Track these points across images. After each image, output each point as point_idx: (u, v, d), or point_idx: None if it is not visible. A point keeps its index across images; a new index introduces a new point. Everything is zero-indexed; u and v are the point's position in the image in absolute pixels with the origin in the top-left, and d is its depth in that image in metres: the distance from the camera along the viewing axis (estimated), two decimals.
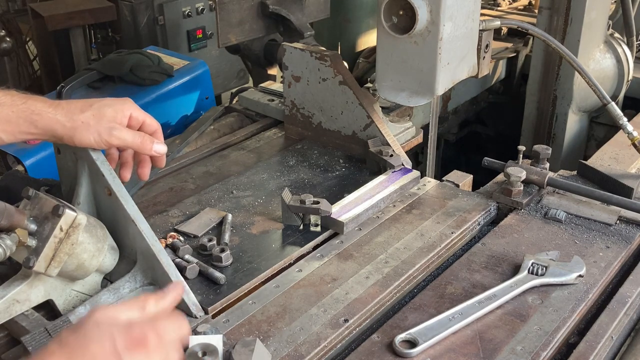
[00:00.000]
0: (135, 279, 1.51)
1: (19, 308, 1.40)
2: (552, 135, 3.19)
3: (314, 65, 2.20)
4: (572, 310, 1.51)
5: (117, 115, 1.48)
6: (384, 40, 1.92)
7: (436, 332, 1.42)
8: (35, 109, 1.43)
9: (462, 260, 1.70)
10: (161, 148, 1.54)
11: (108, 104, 1.49)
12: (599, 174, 1.98)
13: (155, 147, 1.52)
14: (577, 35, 2.89)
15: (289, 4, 2.61)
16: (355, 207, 1.83)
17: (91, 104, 1.47)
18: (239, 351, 1.28)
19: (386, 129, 2.14)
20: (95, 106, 1.47)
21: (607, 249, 1.72)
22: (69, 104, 1.47)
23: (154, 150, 1.52)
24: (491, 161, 2.01)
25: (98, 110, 1.46)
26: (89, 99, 1.51)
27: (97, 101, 1.49)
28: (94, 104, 1.47)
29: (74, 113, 1.44)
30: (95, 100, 1.50)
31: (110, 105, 1.48)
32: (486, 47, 2.03)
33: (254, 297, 1.55)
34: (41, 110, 1.43)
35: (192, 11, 4.10)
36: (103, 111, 1.47)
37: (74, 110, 1.45)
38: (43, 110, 1.43)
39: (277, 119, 2.51)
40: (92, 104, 1.47)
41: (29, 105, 1.43)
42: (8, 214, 1.30)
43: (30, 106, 1.43)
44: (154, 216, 1.85)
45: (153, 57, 2.75)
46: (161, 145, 1.54)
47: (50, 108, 1.44)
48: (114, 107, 1.49)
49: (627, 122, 2.10)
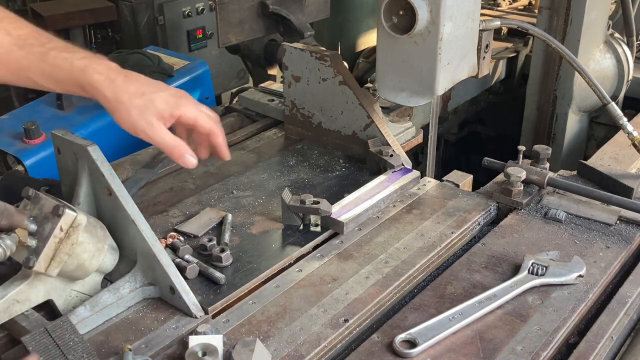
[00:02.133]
0: (135, 279, 1.51)
1: (19, 308, 1.40)
2: (552, 135, 3.19)
3: (314, 65, 2.20)
4: (572, 310, 1.51)
5: (165, 112, 1.42)
6: (384, 40, 1.92)
7: (436, 332, 1.42)
8: (88, 74, 1.36)
9: (462, 260, 1.70)
10: (189, 162, 1.46)
11: (162, 96, 1.42)
12: (599, 174, 1.98)
13: (185, 159, 1.45)
14: (577, 35, 2.89)
15: (289, 4, 2.61)
16: (355, 207, 1.83)
17: (143, 92, 1.40)
18: (239, 351, 1.28)
19: (386, 129, 2.14)
20: (147, 95, 1.40)
21: (607, 249, 1.72)
22: (126, 80, 1.40)
23: (181, 162, 1.46)
24: (491, 161, 2.01)
25: (148, 99, 1.40)
26: (150, 80, 1.44)
27: (153, 87, 1.42)
28: (146, 92, 1.40)
29: (123, 92, 1.37)
30: (153, 84, 1.43)
31: (163, 98, 1.42)
32: (486, 47, 2.03)
33: (254, 297, 1.56)
34: (93, 80, 1.36)
35: (192, 11, 4.10)
36: (152, 101, 1.40)
37: (125, 89, 1.38)
38: (96, 79, 1.36)
39: (277, 119, 2.50)
40: (144, 91, 1.40)
41: (86, 68, 1.36)
42: (8, 214, 1.30)
43: (86, 69, 1.36)
44: (154, 216, 1.85)
45: (153, 57, 2.75)
46: (190, 159, 1.46)
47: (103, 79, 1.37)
48: (167, 101, 1.42)
49: (627, 122, 2.10)
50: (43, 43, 1.38)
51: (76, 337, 1.32)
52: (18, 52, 1.37)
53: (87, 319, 1.43)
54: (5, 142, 2.40)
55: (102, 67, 1.39)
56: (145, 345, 1.39)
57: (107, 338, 1.42)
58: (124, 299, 1.48)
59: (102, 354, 1.36)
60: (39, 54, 1.37)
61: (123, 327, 1.45)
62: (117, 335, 1.43)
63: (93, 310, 1.44)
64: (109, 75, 1.38)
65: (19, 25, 1.38)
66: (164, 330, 1.44)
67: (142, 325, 1.45)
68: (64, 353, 1.28)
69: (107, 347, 1.39)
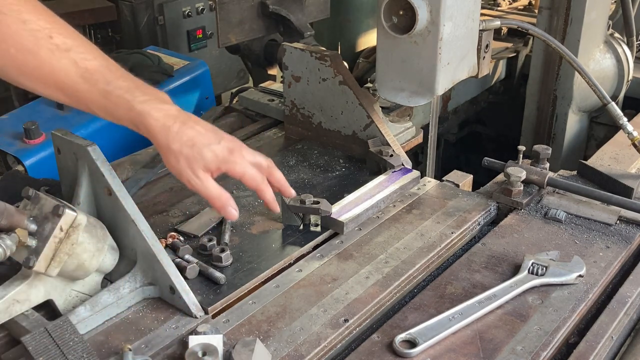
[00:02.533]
0: (135, 279, 1.51)
1: (19, 308, 1.40)
2: (552, 135, 3.19)
3: (314, 65, 2.20)
4: (572, 310, 1.51)
5: (212, 165, 1.43)
6: (384, 40, 1.92)
7: (436, 332, 1.42)
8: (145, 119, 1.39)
9: (462, 260, 1.70)
10: (230, 214, 1.46)
11: (212, 149, 1.42)
12: (599, 174, 1.98)
13: (226, 211, 1.46)
14: (577, 35, 2.89)
15: (289, 4, 2.61)
16: (355, 207, 1.83)
17: (194, 143, 1.41)
18: (239, 351, 1.28)
19: (386, 129, 2.14)
20: (197, 147, 1.41)
21: (607, 249, 1.72)
22: (181, 127, 1.41)
23: (223, 213, 1.47)
24: (491, 161, 2.01)
25: (198, 151, 1.41)
26: (206, 128, 1.45)
27: (206, 138, 1.43)
28: (197, 144, 1.41)
29: (175, 140, 1.40)
30: (207, 135, 1.43)
31: (213, 151, 1.42)
32: (486, 47, 2.03)
33: (254, 297, 1.56)
34: (150, 125, 1.39)
35: (192, 11, 4.09)
36: (201, 154, 1.41)
37: (178, 137, 1.40)
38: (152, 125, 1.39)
39: (277, 119, 2.50)
40: (196, 143, 1.41)
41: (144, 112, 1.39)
42: (8, 214, 1.30)
43: (144, 113, 1.39)
44: (154, 216, 1.85)
45: (153, 57, 2.75)
46: (232, 212, 1.46)
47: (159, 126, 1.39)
48: (216, 154, 1.43)
49: (627, 122, 2.10)
50: (108, 81, 1.39)
51: (76, 337, 1.31)
52: (82, 84, 1.38)
53: (87, 319, 1.43)
54: (5, 142, 2.40)
55: (160, 112, 1.40)
56: (145, 345, 1.39)
57: (107, 338, 1.42)
58: (124, 299, 1.48)
59: (102, 354, 1.36)
60: (103, 92, 1.39)
61: (123, 327, 1.45)
62: (117, 335, 1.43)
63: (93, 310, 1.44)
64: (165, 122, 1.40)
65: (88, 57, 1.39)
66: (164, 330, 1.44)
67: (142, 325, 1.45)
68: (64, 353, 1.28)
69: (107, 347, 1.39)
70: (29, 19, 1.34)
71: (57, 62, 1.36)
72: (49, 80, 1.39)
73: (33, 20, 1.34)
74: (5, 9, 1.32)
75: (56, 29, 1.36)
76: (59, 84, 1.39)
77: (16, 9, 1.33)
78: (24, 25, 1.33)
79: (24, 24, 1.33)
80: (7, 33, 1.33)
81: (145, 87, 1.43)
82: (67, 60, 1.36)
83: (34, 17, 1.34)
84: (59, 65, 1.36)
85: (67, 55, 1.36)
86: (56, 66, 1.36)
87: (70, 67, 1.37)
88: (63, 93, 1.41)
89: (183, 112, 1.45)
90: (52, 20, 1.37)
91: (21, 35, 1.34)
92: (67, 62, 1.37)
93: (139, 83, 1.43)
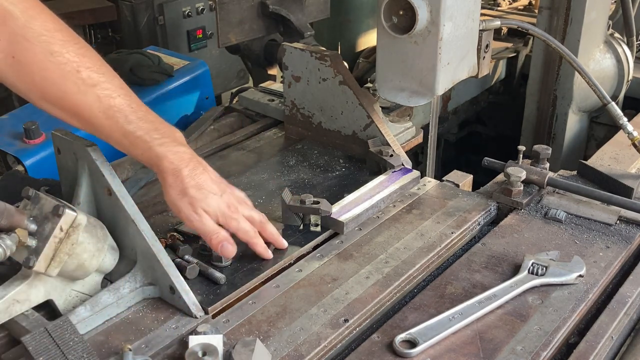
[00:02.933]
0: (135, 279, 1.51)
1: (19, 308, 1.40)
2: (552, 135, 3.19)
3: (314, 65, 2.20)
4: (572, 310, 1.51)
5: (212, 211, 1.53)
6: (384, 40, 1.92)
7: (436, 332, 1.42)
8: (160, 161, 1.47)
9: (462, 260, 1.70)
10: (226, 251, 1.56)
11: (216, 200, 1.53)
12: (599, 174, 1.98)
13: (222, 248, 1.55)
14: (577, 35, 2.89)
15: (289, 4, 2.60)
16: (355, 207, 1.83)
17: (201, 187, 1.50)
18: (239, 351, 1.28)
19: (386, 129, 2.14)
20: (204, 192, 1.51)
21: (607, 249, 1.72)
22: (191, 172, 1.50)
23: (219, 250, 1.56)
24: (491, 161, 2.01)
25: (204, 195, 1.51)
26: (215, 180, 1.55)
27: (213, 189, 1.52)
28: (204, 188, 1.51)
29: (184, 183, 1.49)
30: (213, 187, 1.53)
31: (217, 202, 1.52)
32: (486, 47, 2.03)
33: (254, 297, 1.56)
34: (163, 166, 1.47)
35: (192, 11, 4.09)
36: (206, 198, 1.51)
37: (187, 181, 1.49)
38: (165, 167, 1.48)
39: (277, 119, 2.50)
40: (202, 187, 1.51)
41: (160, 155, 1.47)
42: (8, 214, 1.30)
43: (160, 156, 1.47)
44: (154, 216, 1.85)
45: (153, 57, 2.75)
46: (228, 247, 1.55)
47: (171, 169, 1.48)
48: (219, 206, 1.53)
49: (627, 122, 2.10)
50: (129, 120, 1.43)
51: (76, 337, 1.31)
52: (104, 120, 1.42)
53: (87, 319, 1.43)
54: (5, 142, 2.39)
55: (175, 156, 1.49)
56: (145, 345, 1.39)
57: (107, 338, 1.42)
58: (124, 299, 1.48)
59: (102, 354, 1.36)
60: (123, 130, 1.43)
61: (123, 327, 1.45)
62: (117, 335, 1.43)
63: (93, 310, 1.44)
64: (178, 164, 1.49)
65: (112, 94, 1.41)
66: (164, 330, 1.44)
67: (142, 325, 1.45)
68: (64, 353, 1.28)
69: (107, 347, 1.39)
70: (57, 50, 1.35)
71: (81, 96, 1.39)
72: (71, 110, 1.42)
73: (62, 52, 1.36)
74: (34, 39, 1.33)
75: (84, 62, 1.38)
76: (80, 116, 1.43)
77: (45, 39, 1.34)
78: (51, 56, 1.35)
79: (52, 55, 1.35)
80: (34, 62, 1.35)
81: (162, 127, 1.49)
82: (91, 95, 1.39)
83: (63, 50, 1.36)
84: (83, 99, 1.39)
85: (92, 91, 1.39)
86: (80, 100, 1.39)
87: (93, 103, 1.40)
88: (83, 124, 1.46)
89: (195, 156, 1.54)
90: (80, 53, 1.39)
91: (47, 66, 1.36)
92: (92, 98, 1.40)
93: (157, 123, 1.49)
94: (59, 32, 1.36)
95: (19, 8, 1.32)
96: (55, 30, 1.36)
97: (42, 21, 1.35)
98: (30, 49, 1.33)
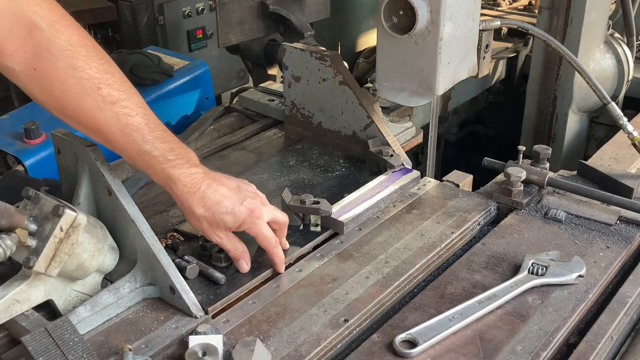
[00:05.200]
0: (135, 279, 1.51)
1: (19, 308, 1.40)
2: (552, 135, 3.19)
3: (314, 65, 2.20)
4: (572, 310, 1.51)
5: (232, 226, 1.55)
6: (384, 40, 1.92)
7: (436, 332, 1.42)
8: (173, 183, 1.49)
9: (462, 260, 1.70)
10: (242, 267, 1.60)
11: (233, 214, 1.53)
12: (599, 174, 1.98)
13: (239, 264, 1.61)
14: (577, 35, 2.89)
15: (289, 4, 2.61)
16: (355, 207, 1.83)
17: (216, 210, 1.52)
18: (239, 351, 1.28)
19: (386, 129, 2.14)
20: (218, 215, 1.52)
21: (607, 249, 1.72)
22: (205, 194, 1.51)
23: (236, 265, 1.61)
24: (491, 161, 2.01)
25: (220, 219, 1.53)
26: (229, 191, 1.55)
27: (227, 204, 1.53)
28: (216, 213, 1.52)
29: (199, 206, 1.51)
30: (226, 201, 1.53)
31: (234, 215, 1.54)
32: (486, 47, 2.03)
33: (254, 297, 1.56)
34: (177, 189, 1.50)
35: (192, 11, 4.09)
36: (222, 220, 1.53)
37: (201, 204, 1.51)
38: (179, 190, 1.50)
39: (277, 119, 2.50)
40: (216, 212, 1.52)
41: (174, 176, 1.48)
42: (8, 214, 1.30)
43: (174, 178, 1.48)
44: (154, 216, 1.85)
45: (153, 57, 2.75)
46: (243, 265, 1.60)
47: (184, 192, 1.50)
48: (236, 217, 1.54)
49: (627, 122, 2.10)
50: (146, 140, 1.43)
51: (76, 337, 1.31)
52: (121, 138, 1.42)
53: (87, 319, 1.43)
54: (5, 142, 2.39)
55: (189, 178, 1.50)
56: (145, 345, 1.39)
57: (107, 338, 1.42)
58: (124, 299, 1.48)
59: (102, 354, 1.36)
60: (139, 150, 1.44)
61: (123, 327, 1.45)
62: (117, 335, 1.43)
63: (93, 310, 1.44)
64: (191, 188, 1.50)
65: (131, 112, 1.41)
66: (164, 330, 1.44)
67: (142, 325, 1.45)
68: (64, 353, 1.28)
69: (107, 347, 1.39)
70: (80, 66, 1.35)
71: (100, 112, 1.39)
72: (88, 125, 1.42)
73: (84, 68, 1.35)
74: (58, 53, 1.32)
75: (105, 79, 1.38)
76: (97, 131, 1.43)
77: (69, 54, 1.33)
78: (73, 71, 1.34)
79: (74, 70, 1.34)
80: (55, 76, 1.35)
81: (177, 148, 1.50)
82: (110, 112, 1.39)
83: (85, 65, 1.35)
84: (102, 116, 1.39)
85: (111, 108, 1.39)
86: (99, 116, 1.39)
87: (111, 120, 1.40)
88: (99, 139, 1.46)
89: (209, 173, 1.55)
90: (103, 70, 1.38)
91: (68, 81, 1.35)
92: (110, 115, 1.39)
93: (173, 143, 1.49)
94: (84, 48, 1.36)
95: (46, 21, 1.32)
96: (80, 45, 1.35)
97: (68, 35, 1.34)
98: (53, 63, 1.32)
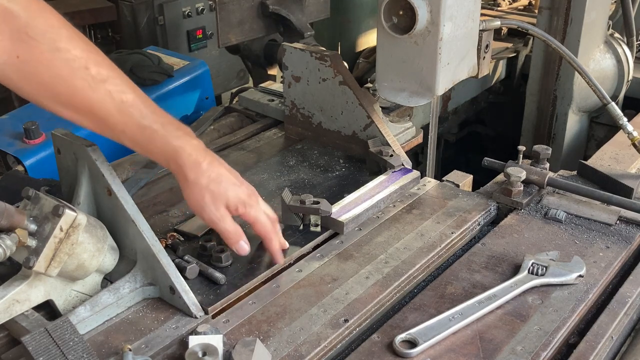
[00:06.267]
0: (135, 279, 1.51)
1: (19, 308, 1.40)
2: (552, 135, 3.19)
3: (314, 65, 2.20)
4: (572, 310, 1.51)
5: (232, 204, 1.52)
6: (384, 40, 1.92)
7: (436, 332, 1.42)
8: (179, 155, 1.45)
9: (462, 260, 1.70)
10: (241, 249, 1.57)
11: (235, 190, 1.51)
12: (599, 174, 1.98)
13: (238, 246, 1.56)
14: (577, 35, 2.89)
15: (289, 4, 2.61)
16: (355, 207, 1.83)
17: (221, 181, 1.49)
18: (239, 351, 1.28)
19: (386, 129, 2.14)
20: (224, 185, 1.49)
21: (607, 249, 1.72)
22: (210, 164, 1.48)
23: (235, 248, 1.57)
24: (491, 161, 2.01)
25: (224, 188, 1.49)
26: (229, 170, 1.53)
27: (230, 179, 1.51)
28: (223, 182, 1.49)
29: (205, 176, 1.47)
30: (230, 177, 1.52)
31: (235, 192, 1.51)
32: (486, 47, 2.03)
33: (254, 297, 1.56)
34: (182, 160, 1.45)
35: (192, 11, 4.09)
36: (226, 192, 1.50)
37: (207, 173, 1.47)
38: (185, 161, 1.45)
39: (277, 119, 2.50)
40: (222, 181, 1.49)
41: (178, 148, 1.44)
42: (8, 214, 1.30)
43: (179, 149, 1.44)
44: (154, 216, 1.85)
45: (153, 57, 2.75)
46: (243, 246, 1.56)
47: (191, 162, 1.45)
48: (238, 195, 1.52)
49: (627, 122, 2.11)
50: (144, 115, 1.41)
51: (76, 337, 1.31)
52: (117, 116, 1.39)
53: (87, 319, 1.43)
54: (5, 142, 2.39)
55: (193, 148, 1.46)
56: (145, 345, 1.39)
57: (107, 338, 1.42)
58: (124, 299, 1.48)
59: (102, 354, 1.36)
60: (138, 125, 1.40)
61: (123, 327, 1.45)
62: (117, 335, 1.43)
63: (93, 310, 1.44)
64: (197, 157, 1.46)
65: (124, 89, 1.39)
66: (164, 330, 1.44)
67: (142, 325, 1.45)
68: (64, 353, 1.28)
69: (107, 347, 1.39)
70: (64, 47, 1.33)
71: (92, 92, 1.36)
72: (83, 109, 1.39)
73: (68, 49, 1.33)
74: (39, 36, 1.30)
75: (92, 59, 1.36)
76: (93, 114, 1.40)
77: (51, 36, 1.31)
78: (58, 53, 1.32)
79: (59, 52, 1.32)
80: (41, 61, 1.32)
81: (174, 121, 1.47)
82: (103, 91, 1.37)
83: (69, 46, 1.33)
84: (95, 96, 1.36)
85: (103, 87, 1.37)
86: (92, 97, 1.36)
87: (106, 99, 1.38)
88: (96, 122, 1.42)
89: (208, 149, 1.52)
90: (87, 49, 1.36)
91: (55, 64, 1.33)
92: (103, 94, 1.37)
93: (169, 117, 1.47)
94: (64, 29, 1.33)
95: (20, 6, 1.29)
96: (60, 26, 1.33)
97: (45, 18, 1.32)
98: (35, 47, 1.30)
